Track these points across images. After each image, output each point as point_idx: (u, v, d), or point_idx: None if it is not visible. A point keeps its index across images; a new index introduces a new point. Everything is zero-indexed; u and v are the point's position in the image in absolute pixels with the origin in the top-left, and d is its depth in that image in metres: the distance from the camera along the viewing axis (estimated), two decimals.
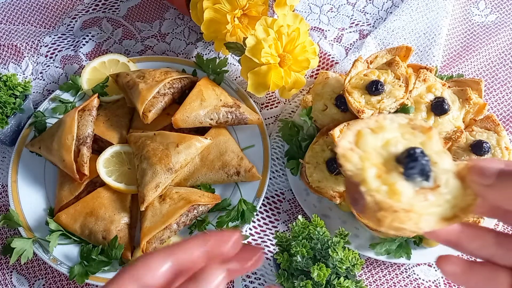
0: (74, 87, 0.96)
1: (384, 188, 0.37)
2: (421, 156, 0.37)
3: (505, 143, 0.85)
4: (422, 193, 0.37)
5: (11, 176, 0.88)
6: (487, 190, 0.35)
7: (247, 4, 0.89)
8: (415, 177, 0.37)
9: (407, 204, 0.36)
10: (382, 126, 0.40)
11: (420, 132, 0.40)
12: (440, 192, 0.37)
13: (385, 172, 0.37)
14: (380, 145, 0.39)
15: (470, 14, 1.11)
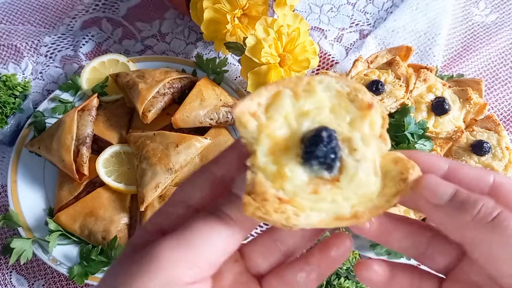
0: (73, 87, 0.96)
1: (272, 168, 0.32)
2: (328, 141, 0.31)
3: (505, 143, 0.85)
4: (314, 183, 0.32)
5: (11, 176, 0.87)
6: (433, 210, 0.32)
7: (247, 4, 0.89)
8: (312, 164, 0.31)
9: (291, 193, 0.31)
10: (313, 91, 0.34)
11: (357, 108, 0.34)
12: (339, 187, 0.32)
13: (282, 150, 0.32)
14: (294, 116, 0.33)
15: (470, 14, 1.11)
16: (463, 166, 0.33)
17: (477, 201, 0.30)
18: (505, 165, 0.83)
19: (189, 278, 0.31)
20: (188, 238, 0.32)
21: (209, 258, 0.32)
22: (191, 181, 0.36)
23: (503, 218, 0.29)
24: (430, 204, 0.31)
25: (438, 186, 0.31)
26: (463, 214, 0.30)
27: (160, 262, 0.30)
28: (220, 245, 0.33)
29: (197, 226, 0.32)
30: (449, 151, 0.86)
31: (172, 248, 0.31)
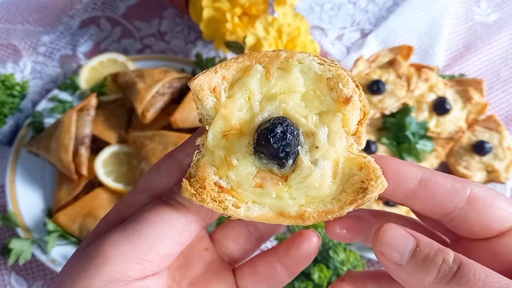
0: (72, 86, 0.96)
1: (220, 153, 0.30)
2: (282, 137, 0.28)
3: (507, 143, 0.84)
4: (262, 177, 0.30)
5: (9, 176, 0.87)
6: (395, 269, 0.30)
7: (247, 2, 0.88)
8: (261, 157, 0.29)
9: (234, 182, 0.29)
10: (288, 70, 0.30)
11: (333, 100, 0.30)
12: (288, 185, 0.30)
13: (236, 135, 0.30)
14: (259, 98, 0.30)
15: (472, 13, 1.10)
16: (437, 176, 0.31)
17: (437, 258, 0.28)
18: (507, 165, 0.83)
19: (138, 273, 0.29)
20: (136, 229, 0.29)
21: (160, 251, 0.30)
22: (155, 168, 0.35)
23: (463, 273, 0.27)
24: (391, 263, 0.29)
25: (398, 241, 0.29)
26: (425, 275, 0.28)
27: (104, 257, 0.28)
28: (173, 236, 0.30)
29: (147, 216, 0.30)
30: (451, 151, 0.86)
31: (117, 241, 0.29)
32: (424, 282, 0.28)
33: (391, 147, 0.83)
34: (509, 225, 0.30)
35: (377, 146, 0.83)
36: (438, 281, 0.28)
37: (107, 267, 0.28)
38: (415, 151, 0.82)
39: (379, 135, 0.85)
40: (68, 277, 0.29)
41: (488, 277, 0.27)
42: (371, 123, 0.86)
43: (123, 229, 0.30)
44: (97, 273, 0.28)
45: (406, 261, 0.29)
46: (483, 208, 0.30)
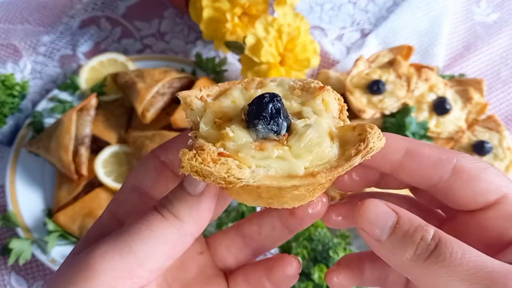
0: (72, 86, 0.96)
1: (214, 133, 0.31)
2: (271, 99, 0.30)
3: (507, 143, 0.84)
4: (260, 143, 0.30)
5: (9, 176, 0.87)
6: (376, 245, 0.30)
7: (247, 2, 0.88)
8: (255, 125, 0.30)
9: (233, 150, 0.29)
10: (265, 86, 0.34)
11: (309, 93, 0.33)
12: (288, 145, 0.30)
13: (226, 121, 0.31)
14: (242, 99, 0.33)
15: (472, 13, 1.10)
16: (423, 147, 0.31)
17: (416, 234, 0.28)
18: (507, 165, 0.83)
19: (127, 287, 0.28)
20: (127, 243, 0.28)
21: (150, 266, 0.29)
22: (140, 166, 0.34)
23: (441, 251, 0.27)
24: (371, 239, 0.30)
25: (378, 217, 0.29)
26: (403, 252, 0.28)
27: (93, 270, 0.28)
28: (165, 252, 0.29)
29: (138, 230, 0.29)
30: None
31: (107, 254, 0.28)
32: (402, 259, 0.28)
33: None
34: (494, 198, 0.30)
35: None
36: (416, 258, 0.28)
37: (95, 281, 0.27)
38: None
39: None
40: (57, 285, 0.29)
41: (465, 255, 0.27)
42: (371, 123, 0.86)
43: (114, 241, 0.29)
44: (85, 286, 0.27)
45: (385, 237, 0.29)
46: (467, 180, 0.30)
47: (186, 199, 0.30)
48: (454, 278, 0.26)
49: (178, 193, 0.31)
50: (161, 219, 0.30)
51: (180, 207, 0.30)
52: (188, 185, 0.30)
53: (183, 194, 0.30)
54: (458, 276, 0.26)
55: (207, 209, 0.31)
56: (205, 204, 0.31)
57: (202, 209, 0.31)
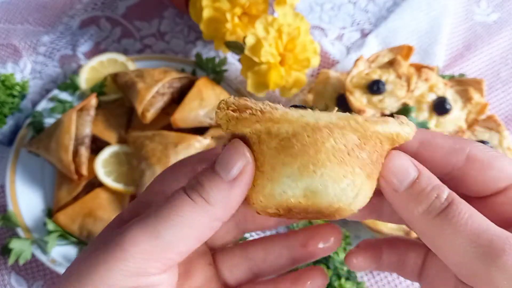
0: (72, 86, 0.96)
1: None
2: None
3: (507, 143, 0.84)
4: None
5: (9, 176, 0.87)
6: (392, 195, 0.31)
7: (247, 2, 0.88)
8: None
9: (279, 114, 0.29)
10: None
11: None
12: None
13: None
14: None
15: (472, 13, 1.10)
16: (437, 137, 0.32)
17: (432, 192, 0.29)
18: None
19: (157, 270, 0.29)
20: (156, 228, 0.28)
21: (178, 249, 0.29)
22: (172, 172, 0.34)
23: (451, 209, 0.29)
24: (389, 188, 0.30)
25: (402, 168, 0.30)
26: (416, 206, 0.29)
27: (124, 252, 0.28)
28: (194, 236, 0.30)
29: (167, 214, 0.29)
30: None
31: (137, 238, 0.28)
32: (414, 212, 0.29)
33: None
34: (505, 185, 0.31)
35: None
36: (427, 214, 0.29)
37: (127, 262, 0.28)
38: None
39: None
40: (84, 265, 0.29)
41: (472, 217, 0.28)
42: None
43: (144, 225, 0.29)
44: (116, 266, 0.28)
45: (403, 189, 0.30)
46: (480, 168, 0.31)
47: (218, 184, 0.29)
48: (458, 237, 0.28)
49: (210, 176, 0.30)
50: (191, 204, 0.29)
51: (211, 192, 0.29)
52: (221, 169, 0.29)
53: (215, 178, 0.30)
54: (462, 235, 0.28)
55: (239, 196, 0.30)
56: (237, 191, 0.30)
57: (234, 195, 0.30)
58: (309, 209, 0.30)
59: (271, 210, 0.30)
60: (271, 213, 0.31)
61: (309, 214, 0.31)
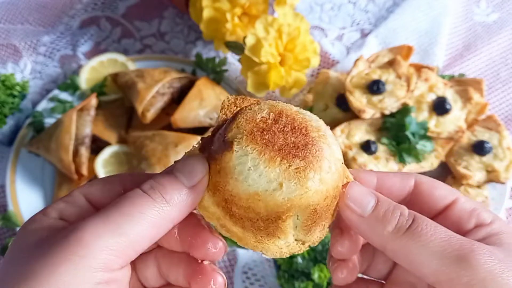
0: (72, 86, 0.96)
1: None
2: None
3: (507, 143, 0.84)
4: None
5: (9, 176, 0.87)
6: (358, 221, 0.34)
7: (247, 2, 0.88)
8: None
9: None
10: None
11: None
12: None
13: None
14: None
15: (472, 13, 1.10)
16: (389, 174, 0.38)
17: (395, 211, 0.33)
18: (506, 165, 0.83)
19: (117, 266, 0.30)
20: (118, 224, 0.29)
21: (138, 247, 0.30)
22: (103, 182, 0.35)
23: (417, 224, 0.32)
24: (355, 215, 0.34)
25: (362, 196, 0.34)
26: (384, 226, 0.33)
27: (87, 249, 0.28)
28: (152, 233, 0.31)
29: (129, 211, 0.30)
30: (450, 151, 0.86)
31: (99, 233, 0.29)
32: (384, 232, 0.32)
33: (390, 147, 0.83)
34: (450, 200, 0.36)
35: (377, 146, 0.83)
36: (396, 231, 0.32)
37: (91, 259, 0.28)
38: (415, 151, 0.82)
39: (379, 135, 0.85)
40: (38, 265, 0.28)
41: (437, 227, 0.32)
42: (371, 123, 0.86)
43: (105, 222, 0.29)
44: (81, 263, 0.28)
45: (368, 213, 0.33)
46: (427, 189, 0.37)
47: (179, 188, 0.32)
48: (427, 250, 0.31)
49: (171, 180, 0.32)
50: (151, 201, 0.31)
51: (172, 192, 0.31)
52: (184, 176, 0.32)
53: (176, 182, 0.32)
54: (433, 244, 0.31)
55: (194, 201, 0.33)
56: (194, 196, 0.32)
57: (191, 200, 0.32)
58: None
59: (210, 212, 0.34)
60: (210, 215, 0.34)
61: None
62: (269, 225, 0.32)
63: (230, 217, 0.33)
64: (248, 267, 0.80)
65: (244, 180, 0.30)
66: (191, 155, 0.34)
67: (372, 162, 0.82)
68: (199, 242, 0.34)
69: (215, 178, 0.32)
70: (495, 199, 0.84)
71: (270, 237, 0.33)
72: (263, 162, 0.30)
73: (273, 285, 0.81)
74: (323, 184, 0.31)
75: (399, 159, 0.82)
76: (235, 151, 0.30)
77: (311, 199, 0.31)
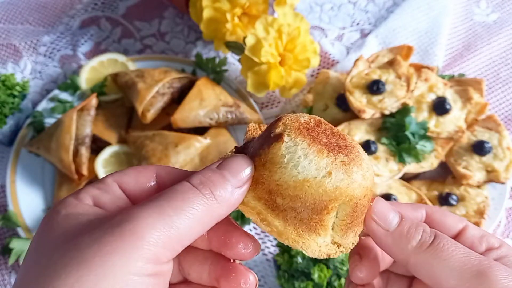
0: (72, 86, 0.96)
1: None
2: None
3: (507, 143, 0.84)
4: None
5: (10, 176, 0.87)
6: (383, 236, 0.36)
7: (247, 2, 0.88)
8: None
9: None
10: None
11: None
12: None
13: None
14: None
15: (472, 13, 1.10)
16: (401, 204, 0.39)
17: (419, 228, 0.35)
18: (506, 165, 0.83)
19: (166, 259, 0.30)
20: (172, 219, 0.30)
21: (186, 242, 0.31)
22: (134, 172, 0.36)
23: (439, 240, 0.34)
24: (381, 229, 0.36)
25: (387, 212, 0.36)
26: (408, 241, 0.35)
27: (142, 241, 0.28)
28: (200, 229, 0.31)
29: (181, 204, 0.30)
30: (450, 151, 0.86)
31: (154, 227, 0.29)
32: (408, 247, 0.35)
33: (390, 147, 0.83)
34: (461, 227, 0.39)
35: (377, 146, 0.83)
36: (419, 246, 0.34)
37: (144, 251, 0.28)
38: (415, 151, 0.82)
39: (379, 135, 0.85)
40: (91, 253, 0.28)
41: (457, 245, 0.34)
42: (371, 123, 0.86)
43: (159, 215, 0.30)
44: (135, 253, 0.28)
45: (393, 229, 0.35)
46: (439, 218, 0.39)
47: (226, 186, 0.32)
48: (448, 265, 0.33)
49: (219, 177, 0.33)
50: (202, 198, 0.31)
51: (222, 191, 0.32)
52: (231, 175, 0.33)
53: (224, 180, 0.33)
54: (451, 263, 0.33)
55: (239, 199, 0.33)
56: (239, 195, 0.33)
57: (236, 198, 0.33)
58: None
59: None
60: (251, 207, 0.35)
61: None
62: (313, 217, 0.33)
63: (272, 210, 0.33)
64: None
65: (294, 167, 0.32)
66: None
67: (372, 162, 0.82)
68: (233, 242, 0.35)
69: (258, 172, 0.33)
70: (495, 199, 0.84)
71: (311, 233, 0.33)
72: (312, 152, 0.32)
73: (273, 285, 0.81)
74: (365, 180, 0.33)
75: (399, 159, 0.82)
76: (285, 141, 0.32)
77: (355, 191, 0.33)
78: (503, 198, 0.83)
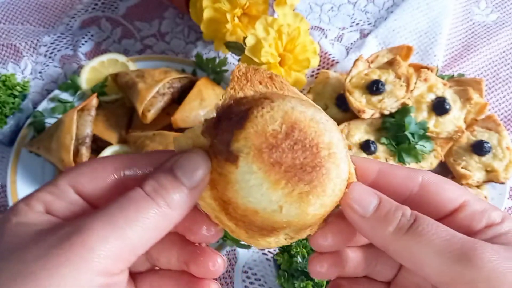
0: (73, 86, 0.96)
1: None
2: None
3: (506, 143, 0.84)
4: None
5: (10, 176, 0.87)
6: (360, 221, 0.33)
7: (247, 3, 0.88)
8: None
9: None
10: None
11: None
12: None
13: None
14: None
15: (471, 13, 1.10)
16: (393, 167, 0.36)
17: (397, 211, 0.32)
18: (506, 165, 0.83)
19: (118, 270, 0.30)
20: (123, 229, 0.29)
21: (140, 252, 0.30)
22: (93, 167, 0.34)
23: (418, 224, 0.31)
24: (357, 215, 0.33)
25: (364, 196, 0.33)
26: (386, 226, 0.32)
27: (92, 254, 0.28)
28: (154, 238, 0.30)
29: (135, 215, 0.29)
30: (450, 151, 0.86)
31: (106, 239, 0.28)
32: (385, 232, 0.32)
33: (390, 147, 0.84)
34: (459, 203, 0.34)
35: (377, 146, 0.83)
36: (398, 231, 0.32)
37: (94, 264, 0.28)
38: (414, 151, 0.82)
39: (379, 135, 0.85)
40: (39, 265, 0.27)
41: (439, 227, 0.31)
42: (371, 123, 0.86)
43: (110, 224, 0.29)
44: (85, 266, 0.27)
45: (369, 214, 0.32)
46: (435, 191, 0.34)
47: (181, 190, 0.31)
48: (429, 250, 0.30)
49: (172, 181, 0.31)
50: (155, 207, 0.30)
51: (174, 197, 0.31)
52: (184, 176, 0.31)
53: (177, 183, 0.31)
54: (432, 248, 0.30)
55: (193, 202, 0.32)
56: (194, 197, 0.32)
57: (190, 201, 0.31)
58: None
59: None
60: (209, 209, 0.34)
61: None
62: (263, 231, 0.32)
63: (225, 214, 0.33)
64: (248, 267, 0.80)
65: (245, 196, 0.30)
66: (189, 139, 0.33)
67: None
68: (196, 228, 0.34)
69: (216, 176, 0.31)
70: (494, 199, 0.84)
71: (263, 237, 0.33)
72: (267, 183, 0.29)
73: (272, 284, 0.81)
74: (323, 207, 0.31)
75: (399, 159, 0.83)
76: (240, 166, 0.29)
77: (308, 221, 0.31)
78: (503, 198, 0.84)
